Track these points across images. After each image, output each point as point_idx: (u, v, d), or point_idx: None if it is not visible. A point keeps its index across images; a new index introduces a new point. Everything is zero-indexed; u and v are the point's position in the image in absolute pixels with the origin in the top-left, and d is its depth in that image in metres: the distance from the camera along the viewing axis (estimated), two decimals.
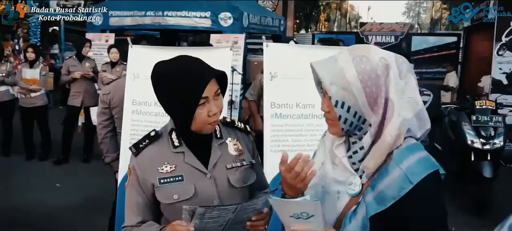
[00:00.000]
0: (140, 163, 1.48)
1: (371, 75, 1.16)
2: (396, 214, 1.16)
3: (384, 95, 1.16)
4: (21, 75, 6.19)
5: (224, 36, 7.30)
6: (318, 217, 1.14)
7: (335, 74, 1.19)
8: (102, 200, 4.65)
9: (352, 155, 1.24)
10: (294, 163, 1.24)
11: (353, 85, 1.16)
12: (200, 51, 2.79)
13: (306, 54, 2.68)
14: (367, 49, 1.20)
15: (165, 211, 1.50)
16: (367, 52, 1.19)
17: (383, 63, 1.17)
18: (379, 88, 1.16)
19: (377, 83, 1.16)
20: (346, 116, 1.20)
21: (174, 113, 1.46)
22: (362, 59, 1.18)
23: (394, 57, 1.22)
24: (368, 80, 1.16)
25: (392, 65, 1.18)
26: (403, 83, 1.20)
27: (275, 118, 2.67)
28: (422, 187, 1.14)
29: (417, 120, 1.23)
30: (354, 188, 1.24)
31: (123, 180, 2.87)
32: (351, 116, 1.20)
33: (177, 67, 1.39)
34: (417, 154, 1.19)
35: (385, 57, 1.19)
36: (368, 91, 1.16)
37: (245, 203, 1.31)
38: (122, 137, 2.92)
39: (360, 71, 1.16)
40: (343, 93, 1.18)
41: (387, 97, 1.17)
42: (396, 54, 1.24)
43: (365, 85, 1.16)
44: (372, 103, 1.17)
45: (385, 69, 1.17)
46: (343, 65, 1.18)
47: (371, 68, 1.16)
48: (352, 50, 1.21)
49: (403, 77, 1.20)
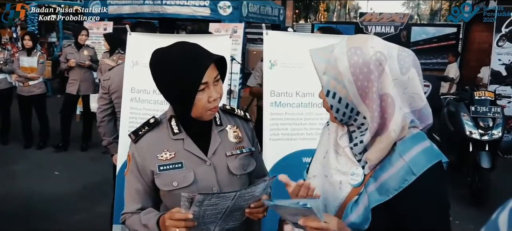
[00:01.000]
0: (140, 150, 1.48)
1: (363, 68, 1.14)
2: (398, 205, 1.16)
3: (377, 90, 1.14)
4: (18, 63, 6.16)
5: (223, 25, 7.27)
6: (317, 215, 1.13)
7: (328, 64, 1.18)
8: (101, 188, 4.67)
9: (353, 146, 1.24)
10: (297, 190, 1.26)
11: (345, 77, 1.15)
12: (199, 38, 2.77)
13: (306, 42, 2.66)
14: (365, 41, 1.17)
15: (165, 198, 1.50)
16: (364, 44, 1.16)
17: (377, 57, 1.14)
18: (371, 83, 1.14)
19: (369, 77, 1.14)
20: (338, 106, 1.19)
21: (174, 100, 1.45)
22: (356, 51, 1.15)
23: (396, 50, 1.18)
24: (359, 73, 1.14)
25: (390, 60, 1.15)
26: (406, 78, 1.17)
27: (274, 106, 2.66)
28: (425, 179, 1.13)
29: (419, 116, 1.22)
30: (356, 179, 1.23)
31: (122, 168, 2.87)
32: (343, 107, 1.19)
33: (176, 54, 1.37)
34: (420, 144, 1.18)
35: (382, 51, 1.15)
36: (359, 84, 1.15)
37: (243, 190, 1.30)
38: (121, 125, 2.91)
39: (352, 64, 1.14)
40: (334, 84, 1.17)
41: (384, 93, 1.15)
42: (400, 48, 1.20)
43: (356, 78, 1.14)
44: (364, 96, 1.16)
45: (379, 64, 1.14)
46: (338, 56, 1.17)
47: (363, 61, 1.14)
48: (349, 41, 1.19)
49: (405, 72, 1.16)
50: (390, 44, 1.19)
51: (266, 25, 3.05)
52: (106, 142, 3.19)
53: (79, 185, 4.96)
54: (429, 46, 11.06)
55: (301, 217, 1.15)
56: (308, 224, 1.13)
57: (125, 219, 1.51)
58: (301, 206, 1.12)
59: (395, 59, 1.17)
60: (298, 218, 1.15)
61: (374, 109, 1.15)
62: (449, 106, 5.49)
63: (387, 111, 1.16)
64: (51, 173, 5.39)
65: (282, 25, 9.90)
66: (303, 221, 1.14)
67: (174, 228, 1.29)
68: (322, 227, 1.12)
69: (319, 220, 1.12)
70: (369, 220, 1.18)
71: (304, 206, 1.12)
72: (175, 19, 8.80)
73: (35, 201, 4.47)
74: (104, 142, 3.20)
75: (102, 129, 3.16)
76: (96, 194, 4.65)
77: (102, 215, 4.01)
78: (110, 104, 3.12)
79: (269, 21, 9.01)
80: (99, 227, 3.80)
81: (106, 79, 3.12)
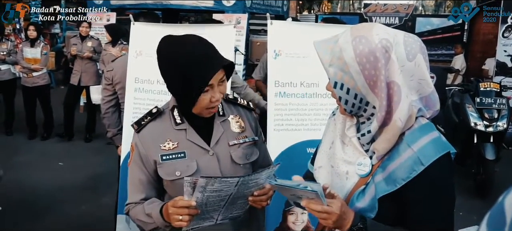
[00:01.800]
0: (142, 140, 1.47)
1: (369, 57, 1.12)
2: (405, 195, 1.15)
3: (384, 78, 1.12)
4: (22, 54, 6.16)
5: (227, 16, 7.24)
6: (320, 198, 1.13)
7: (334, 55, 1.16)
8: (105, 179, 4.69)
9: (360, 137, 1.23)
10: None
11: (352, 68, 1.13)
12: (204, 28, 2.75)
13: (310, 32, 2.63)
14: (369, 29, 1.15)
15: (168, 188, 1.50)
16: (368, 32, 1.14)
17: (383, 44, 1.12)
18: (379, 71, 1.12)
19: (376, 66, 1.12)
20: (347, 97, 1.18)
21: (176, 93, 1.45)
22: (361, 40, 1.13)
23: (402, 37, 1.16)
24: (366, 62, 1.12)
25: (396, 46, 1.13)
26: (413, 65, 1.15)
27: (279, 96, 2.64)
28: (433, 170, 1.12)
29: (427, 102, 1.21)
30: (363, 169, 1.22)
31: (125, 158, 2.86)
32: (352, 98, 1.17)
33: (186, 50, 1.35)
34: (429, 135, 1.16)
35: (387, 38, 1.13)
36: (367, 73, 1.13)
37: (247, 176, 1.29)
38: (125, 115, 2.90)
39: (358, 53, 1.12)
40: (342, 75, 1.16)
41: (390, 81, 1.13)
42: (406, 33, 1.18)
43: (363, 68, 1.12)
44: (372, 85, 1.14)
45: (385, 51, 1.12)
46: (342, 46, 1.15)
47: (369, 50, 1.12)
48: (353, 30, 1.17)
49: (412, 58, 1.15)
50: (395, 31, 1.17)
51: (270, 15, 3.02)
52: (111, 134, 3.18)
53: (83, 176, 4.98)
54: (433, 37, 10.97)
55: (304, 199, 1.15)
56: (311, 207, 1.14)
57: (128, 210, 1.51)
58: (304, 188, 1.13)
59: (401, 45, 1.15)
60: (301, 200, 1.16)
61: (383, 98, 1.14)
62: (454, 97, 5.46)
63: (394, 100, 1.14)
64: (55, 164, 5.41)
65: (285, 15, 9.85)
66: (306, 203, 1.14)
67: (178, 216, 1.29)
68: (325, 210, 1.12)
69: (321, 203, 1.12)
70: (376, 209, 1.18)
71: (306, 188, 1.12)
72: (178, 10, 8.76)
73: (39, 191, 4.49)
74: (109, 134, 3.20)
75: (107, 120, 3.16)
76: (100, 185, 4.67)
77: (106, 205, 4.02)
78: (114, 95, 3.11)
79: (272, 12, 8.97)
80: (103, 217, 3.81)
81: (109, 70, 3.11)
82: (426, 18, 12.53)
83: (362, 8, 13.95)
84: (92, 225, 3.81)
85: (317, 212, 1.13)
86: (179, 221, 1.29)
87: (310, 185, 1.13)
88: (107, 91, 3.11)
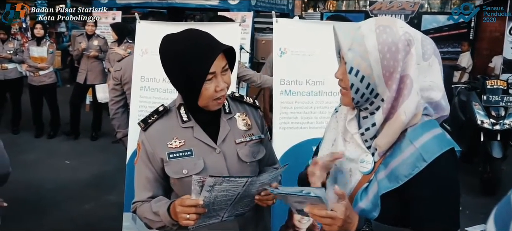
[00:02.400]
0: (149, 138, 1.48)
1: (391, 47, 1.12)
2: (408, 192, 1.14)
3: (400, 71, 1.12)
4: (28, 53, 6.19)
5: (232, 14, 7.22)
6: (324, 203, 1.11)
7: (355, 40, 1.15)
8: (111, 177, 4.71)
9: (364, 132, 1.22)
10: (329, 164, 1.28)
11: (371, 55, 1.13)
12: (209, 26, 2.75)
13: (316, 30, 2.63)
14: (394, 21, 1.16)
15: (175, 186, 1.50)
16: (393, 24, 1.15)
17: (406, 37, 1.13)
18: (397, 62, 1.12)
19: (396, 57, 1.12)
20: (359, 85, 1.17)
21: (181, 88, 1.45)
22: (385, 30, 1.13)
23: (420, 36, 1.17)
24: (387, 52, 1.12)
25: (416, 43, 1.14)
26: (427, 65, 1.16)
27: (284, 94, 2.64)
28: (436, 166, 1.11)
29: (436, 107, 1.20)
30: (366, 166, 1.22)
31: (132, 156, 2.88)
32: (364, 87, 1.16)
33: (184, 42, 1.36)
34: (432, 131, 1.16)
35: (410, 33, 1.15)
36: (385, 63, 1.12)
37: (255, 177, 1.30)
38: (131, 113, 2.91)
39: (381, 42, 1.12)
40: (360, 61, 1.14)
41: (405, 74, 1.13)
42: (423, 34, 1.19)
43: (383, 57, 1.12)
44: (388, 77, 1.13)
45: (407, 44, 1.13)
46: (365, 33, 1.15)
47: (392, 40, 1.12)
48: (378, 20, 1.17)
49: (427, 58, 1.16)
50: (414, 29, 1.18)
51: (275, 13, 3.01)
52: (122, 135, 3.16)
53: (89, 174, 5.01)
54: (440, 34, 10.90)
55: (307, 205, 1.13)
56: (314, 212, 1.12)
57: (136, 208, 1.52)
58: (306, 194, 1.11)
59: (419, 43, 1.16)
60: (304, 206, 1.14)
61: (394, 90, 1.13)
62: (461, 95, 5.43)
63: (403, 93, 1.14)
64: (62, 162, 5.44)
65: (291, 14, 9.84)
66: (309, 208, 1.12)
67: (185, 215, 1.29)
68: (329, 216, 1.10)
69: (325, 208, 1.10)
70: (379, 207, 1.17)
71: (308, 194, 1.10)
72: (183, 8, 8.78)
73: (45, 189, 4.52)
74: (119, 135, 3.18)
75: (116, 121, 3.14)
76: (106, 183, 4.69)
77: (112, 203, 4.04)
78: (123, 96, 3.10)
79: (277, 10, 8.96)
80: (109, 215, 3.84)
81: (117, 69, 3.11)
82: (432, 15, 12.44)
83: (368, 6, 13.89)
84: (98, 223, 3.83)
85: (321, 218, 1.11)
86: (187, 219, 1.29)
87: (313, 191, 1.12)
88: (115, 92, 3.11)
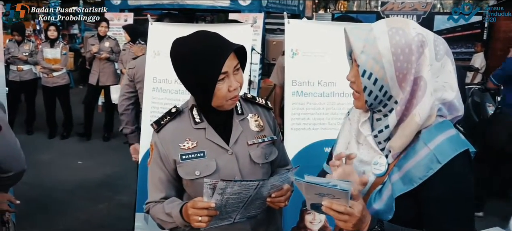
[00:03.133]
0: (162, 139, 1.48)
1: (404, 49, 1.11)
2: (423, 194, 1.13)
3: (414, 72, 1.11)
4: (42, 54, 6.27)
5: (243, 15, 7.24)
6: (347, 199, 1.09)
7: (367, 43, 1.15)
8: (122, 178, 4.75)
9: (377, 134, 1.21)
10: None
11: (384, 57, 1.12)
12: (221, 27, 2.76)
13: (328, 31, 2.62)
14: (406, 23, 1.15)
15: (188, 187, 1.50)
16: (405, 25, 1.14)
17: (419, 39, 1.12)
18: (411, 64, 1.11)
19: (409, 59, 1.11)
20: (372, 88, 1.16)
21: (194, 90, 1.45)
22: (398, 31, 1.13)
23: (432, 36, 1.16)
24: (400, 54, 1.11)
25: (429, 44, 1.13)
26: (439, 65, 1.15)
27: (296, 95, 2.63)
28: (450, 168, 1.10)
29: (449, 108, 1.19)
30: (379, 168, 1.21)
31: (144, 157, 2.89)
32: (377, 90, 1.16)
33: (195, 43, 1.37)
34: (446, 132, 1.14)
35: (423, 34, 1.14)
36: (399, 65, 1.11)
37: (266, 180, 1.30)
38: (143, 114, 2.93)
39: (394, 44, 1.12)
40: (373, 64, 1.14)
41: (419, 76, 1.12)
42: (435, 35, 1.18)
43: (396, 59, 1.11)
44: (401, 79, 1.12)
45: (420, 45, 1.12)
46: (377, 35, 1.14)
47: (405, 42, 1.11)
48: (389, 21, 1.16)
49: (439, 59, 1.15)
50: (426, 30, 1.17)
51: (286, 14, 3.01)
52: (129, 131, 3.18)
53: (101, 174, 5.05)
54: (453, 35, 10.77)
55: (327, 199, 1.10)
56: (333, 207, 1.09)
57: (149, 208, 1.53)
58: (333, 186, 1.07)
59: (432, 44, 1.15)
60: (323, 199, 1.11)
61: (407, 92, 1.13)
62: (474, 96, 5.35)
63: (417, 95, 1.13)
64: (75, 162, 5.50)
65: (301, 15, 9.81)
66: (328, 203, 1.10)
67: (197, 217, 1.30)
68: (347, 212, 1.09)
69: (345, 205, 1.09)
70: (393, 210, 1.16)
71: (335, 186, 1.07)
72: (194, 9, 8.81)
73: (59, 189, 4.57)
74: (126, 130, 3.19)
75: (125, 117, 3.15)
76: (118, 183, 4.73)
77: (125, 203, 4.07)
78: (134, 93, 3.13)
79: (288, 11, 8.94)
80: (121, 215, 3.87)
81: (131, 67, 3.12)
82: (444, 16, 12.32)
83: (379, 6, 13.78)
84: (110, 223, 3.87)
85: (339, 213, 1.09)
86: (199, 222, 1.30)
87: (339, 184, 1.09)
88: (128, 88, 3.13)
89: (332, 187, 1.08)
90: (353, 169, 1.26)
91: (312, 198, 1.14)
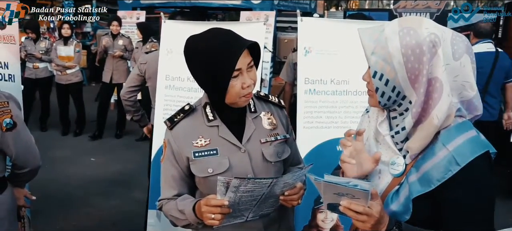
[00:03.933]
0: (175, 137, 1.49)
1: (415, 50, 1.09)
2: (441, 196, 1.12)
3: (426, 73, 1.09)
4: (56, 52, 6.34)
5: (254, 13, 7.22)
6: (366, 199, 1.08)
7: (378, 44, 1.13)
8: (134, 175, 4.78)
9: (394, 134, 1.20)
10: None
11: (395, 58, 1.10)
12: (233, 25, 2.76)
13: (341, 29, 2.61)
14: (419, 22, 1.12)
15: (200, 184, 1.51)
16: (417, 25, 1.11)
17: (431, 39, 1.09)
18: (422, 65, 1.09)
19: (421, 59, 1.08)
20: (384, 89, 1.15)
21: (207, 87, 1.45)
22: (409, 32, 1.10)
23: (450, 34, 1.13)
24: (411, 55, 1.09)
25: (444, 43, 1.10)
26: (458, 64, 1.12)
27: (309, 94, 2.62)
28: (470, 170, 1.08)
29: (468, 106, 1.17)
30: (397, 168, 1.20)
31: (157, 154, 2.91)
32: (389, 90, 1.14)
33: (209, 40, 1.37)
34: (466, 134, 1.12)
35: (436, 33, 1.10)
36: (410, 66, 1.09)
37: (279, 178, 1.30)
38: (156, 112, 2.94)
39: (404, 44, 1.10)
40: (383, 65, 1.12)
41: (433, 77, 1.09)
42: (454, 32, 1.15)
43: (407, 60, 1.09)
44: (413, 80, 1.11)
45: (433, 45, 1.09)
46: (388, 35, 1.12)
47: (416, 42, 1.09)
48: (402, 21, 1.14)
49: (458, 58, 1.12)
50: (444, 28, 1.14)
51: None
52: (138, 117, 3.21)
53: (114, 171, 5.10)
54: (467, 33, 10.65)
55: (345, 199, 1.09)
56: (352, 207, 1.08)
57: (161, 205, 1.53)
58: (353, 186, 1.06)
59: (448, 43, 1.12)
60: (341, 199, 1.09)
61: (421, 93, 1.10)
62: None
63: (433, 96, 1.10)
64: (87, 159, 5.55)
65: (313, 13, 9.76)
66: (347, 203, 1.08)
67: (210, 215, 1.30)
68: (366, 212, 1.07)
69: (364, 205, 1.07)
70: (410, 211, 1.15)
71: (356, 186, 1.06)
72: (206, 8, 8.82)
73: (72, 186, 4.62)
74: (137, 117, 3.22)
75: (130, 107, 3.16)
76: (131, 180, 4.76)
77: (136, 200, 4.10)
78: (139, 87, 3.14)
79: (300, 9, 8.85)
80: (134, 212, 3.89)
81: (143, 62, 3.13)
82: None
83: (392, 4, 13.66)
84: (123, 219, 3.90)
85: (357, 213, 1.08)
86: (212, 219, 1.30)
87: (360, 184, 1.07)
88: (135, 81, 3.12)
89: (352, 187, 1.06)
90: (363, 147, 1.25)
91: (330, 198, 1.12)
